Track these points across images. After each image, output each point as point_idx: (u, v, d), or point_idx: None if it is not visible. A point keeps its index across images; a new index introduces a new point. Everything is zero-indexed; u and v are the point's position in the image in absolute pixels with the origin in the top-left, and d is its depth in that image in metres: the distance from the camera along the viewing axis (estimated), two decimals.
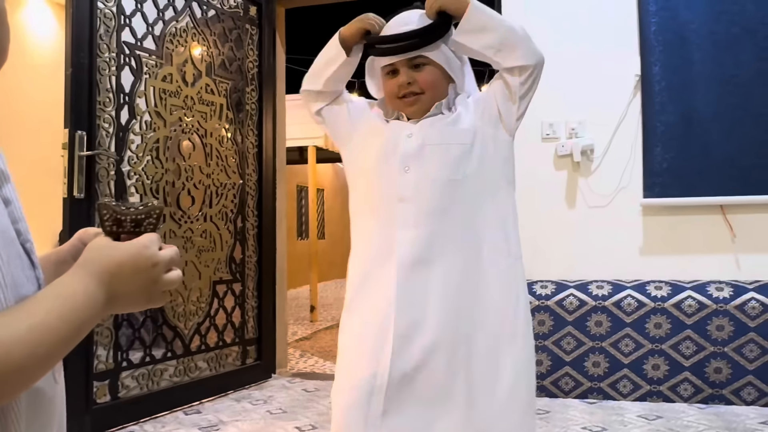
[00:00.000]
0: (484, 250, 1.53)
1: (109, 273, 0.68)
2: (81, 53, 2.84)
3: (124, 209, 0.72)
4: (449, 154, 1.51)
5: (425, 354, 1.47)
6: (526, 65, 1.51)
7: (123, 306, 0.71)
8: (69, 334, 0.62)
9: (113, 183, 2.99)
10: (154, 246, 0.71)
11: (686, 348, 3.27)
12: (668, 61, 3.42)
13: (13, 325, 0.57)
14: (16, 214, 0.69)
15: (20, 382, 0.59)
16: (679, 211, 3.44)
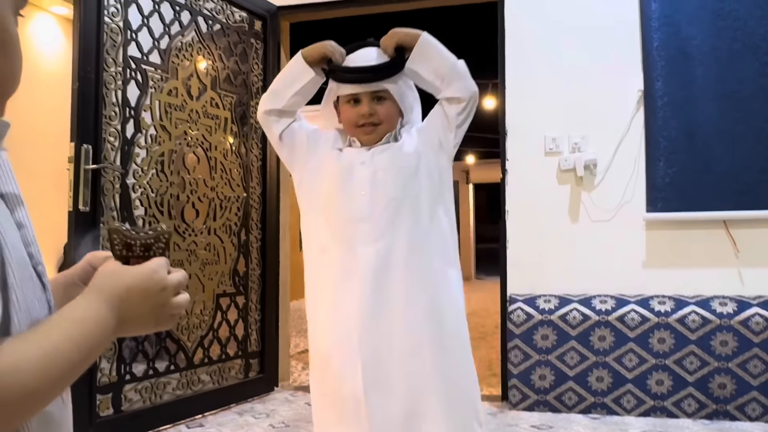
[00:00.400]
0: (436, 261, 1.74)
1: (119, 297, 0.69)
2: (88, 67, 2.87)
3: (133, 234, 0.74)
4: (399, 176, 1.73)
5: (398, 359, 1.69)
6: (463, 97, 1.72)
7: (132, 329, 0.73)
8: (81, 359, 0.64)
9: (118, 196, 3.00)
10: (162, 270, 0.73)
11: (690, 363, 3.26)
12: (671, 76, 3.44)
13: (27, 351, 0.58)
14: (29, 238, 0.70)
15: (33, 406, 0.60)
16: (682, 226, 3.45)
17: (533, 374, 3.46)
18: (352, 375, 1.69)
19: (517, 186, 3.67)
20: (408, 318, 1.69)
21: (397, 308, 1.69)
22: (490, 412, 3.48)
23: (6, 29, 0.66)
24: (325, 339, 1.76)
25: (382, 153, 1.76)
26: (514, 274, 3.63)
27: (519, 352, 3.48)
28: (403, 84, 1.79)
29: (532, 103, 3.67)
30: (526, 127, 3.66)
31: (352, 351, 1.69)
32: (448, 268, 1.76)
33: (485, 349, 5.90)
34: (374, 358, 1.68)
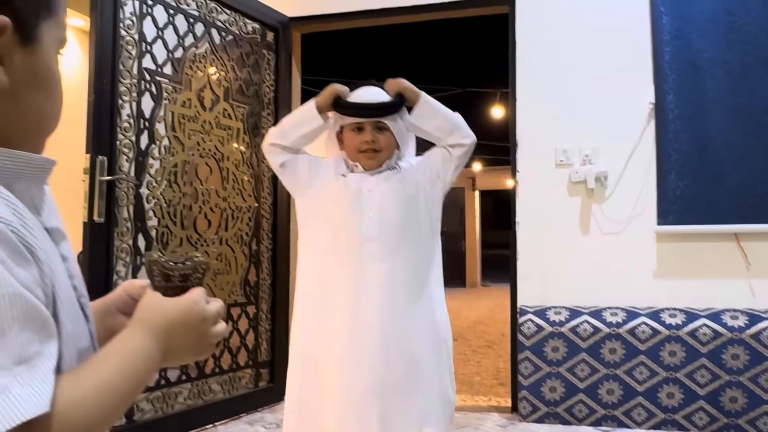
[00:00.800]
0: (432, 281, 1.99)
1: (163, 331, 0.71)
2: (104, 79, 2.89)
3: (172, 264, 0.76)
4: (402, 203, 1.96)
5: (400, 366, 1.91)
6: (464, 143, 1.99)
7: (175, 360, 0.75)
8: (131, 391, 0.66)
9: (132, 207, 3.02)
10: (202, 302, 0.75)
11: (701, 377, 3.26)
12: (682, 89, 3.45)
13: (83, 389, 0.61)
14: (72, 270, 0.72)
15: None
16: (693, 239, 3.45)
17: (543, 386, 3.46)
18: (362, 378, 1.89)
19: (527, 197, 3.68)
20: (413, 330, 1.93)
21: (403, 321, 1.92)
22: (500, 423, 3.49)
23: (53, 73, 0.69)
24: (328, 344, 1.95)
25: (386, 181, 1.98)
26: (525, 286, 3.64)
27: (529, 363, 3.48)
28: (401, 122, 2.03)
29: (542, 115, 3.68)
30: (536, 138, 3.67)
31: (364, 356, 1.90)
32: (439, 287, 2.02)
33: (492, 357, 5.91)
34: (385, 363, 1.89)
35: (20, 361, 0.54)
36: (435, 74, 8.67)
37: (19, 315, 0.55)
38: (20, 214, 0.61)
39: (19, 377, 0.54)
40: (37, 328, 0.57)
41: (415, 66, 8.33)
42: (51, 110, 0.69)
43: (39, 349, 0.57)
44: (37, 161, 0.66)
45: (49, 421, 0.55)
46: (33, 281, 0.59)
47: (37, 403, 0.54)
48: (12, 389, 0.53)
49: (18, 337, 0.55)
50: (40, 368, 0.56)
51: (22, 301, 0.56)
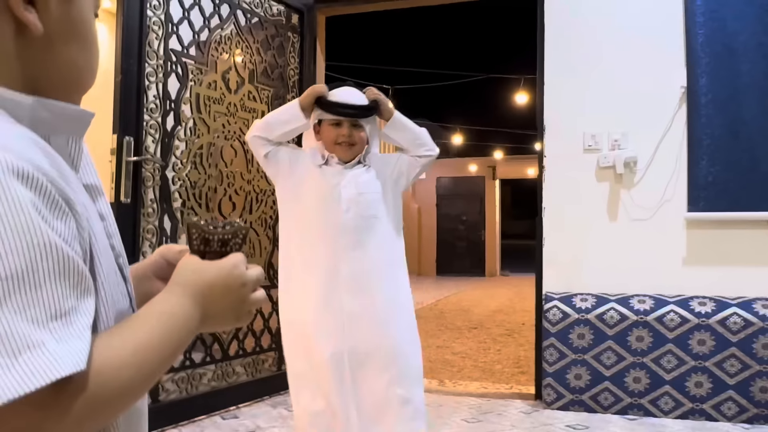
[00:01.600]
0: (396, 264, 2.29)
1: (202, 294, 0.69)
2: (130, 60, 2.89)
3: (212, 229, 0.74)
4: (372, 198, 2.23)
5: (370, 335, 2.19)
6: (430, 155, 2.32)
7: (214, 325, 0.72)
8: (169, 354, 0.64)
9: (158, 188, 3.03)
10: (242, 266, 0.72)
11: (731, 366, 3.20)
12: (715, 72, 3.37)
13: (120, 349, 0.58)
14: (110, 229, 0.70)
15: (125, 403, 0.60)
16: (725, 226, 3.38)
17: (569, 373, 3.42)
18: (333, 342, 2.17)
19: (554, 183, 3.62)
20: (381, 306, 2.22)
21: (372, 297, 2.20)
22: (524, 410, 3.46)
23: (89, 27, 0.68)
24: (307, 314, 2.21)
25: (359, 178, 2.23)
26: (550, 272, 3.59)
27: (554, 350, 3.44)
28: (372, 122, 2.32)
29: (571, 99, 3.62)
30: (564, 123, 3.61)
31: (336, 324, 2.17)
32: (403, 271, 2.32)
33: (512, 346, 5.87)
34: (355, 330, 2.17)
35: (56, 315, 0.52)
36: (458, 60, 8.60)
37: (54, 267, 0.53)
38: (58, 165, 0.59)
39: (55, 332, 0.52)
40: (73, 282, 0.55)
41: (438, 51, 8.24)
42: (87, 64, 0.68)
43: (75, 304, 0.54)
44: (75, 113, 0.65)
45: (84, 380, 0.54)
46: (70, 234, 0.57)
47: (74, 360, 0.52)
48: (47, 344, 0.51)
49: (53, 291, 0.53)
50: (76, 324, 0.54)
51: (59, 253, 0.54)
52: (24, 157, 0.54)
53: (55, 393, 0.51)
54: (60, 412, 0.52)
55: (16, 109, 0.60)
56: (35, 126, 0.60)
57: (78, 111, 0.65)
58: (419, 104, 16.48)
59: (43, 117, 0.61)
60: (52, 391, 0.50)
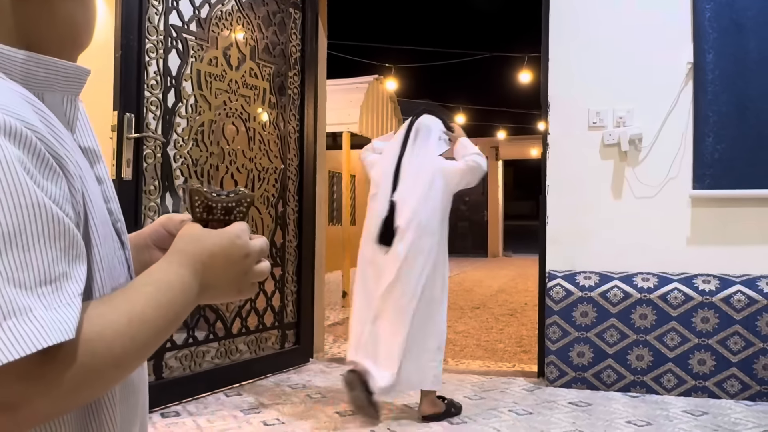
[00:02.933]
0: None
1: (202, 263, 0.65)
2: (130, 35, 2.86)
3: (215, 196, 0.70)
4: None
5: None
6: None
7: (214, 296, 0.69)
8: (166, 325, 0.60)
9: (159, 166, 3.01)
10: (245, 236, 0.69)
11: (734, 344, 3.19)
12: (723, 48, 3.32)
13: (113, 318, 0.55)
14: (108, 193, 0.67)
15: (119, 374, 0.58)
16: (730, 203, 3.36)
17: (571, 351, 3.42)
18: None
19: (558, 161, 3.60)
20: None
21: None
22: (527, 387, 3.47)
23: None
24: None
25: None
26: (554, 251, 3.58)
27: (557, 328, 3.44)
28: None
29: (576, 76, 3.58)
30: (569, 100, 3.58)
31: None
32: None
33: (515, 325, 5.88)
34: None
35: (45, 281, 0.50)
36: (461, 38, 8.51)
37: (44, 230, 0.50)
38: (50, 123, 0.56)
39: (43, 298, 0.49)
40: (64, 246, 0.52)
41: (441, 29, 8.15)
42: (84, 20, 0.65)
43: (66, 270, 0.51)
44: (71, 70, 0.62)
45: (73, 350, 0.50)
46: (61, 196, 0.54)
47: (62, 329, 0.49)
48: (35, 311, 0.48)
49: (43, 255, 0.50)
50: (66, 291, 0.51)
51: (49, 215, 0.51)
52: (11, 112, 0.52)
53: (41, 363, 0.48)
54: (47, 383, 0.49)
55: (7, 64, 0.57)
56: (27, 82, 0.58)
57: (73, 67, 0.63)
58: (421, 83, 16.35)
59: (36, 73, 0.59)
60: (39, 360, 0.48)
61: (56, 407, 0.52)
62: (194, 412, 2.99)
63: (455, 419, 2.94)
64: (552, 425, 2.86)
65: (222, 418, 2.93)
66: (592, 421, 2.92)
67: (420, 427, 2.84)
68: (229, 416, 2.95)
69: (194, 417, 2.93)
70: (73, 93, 0.64)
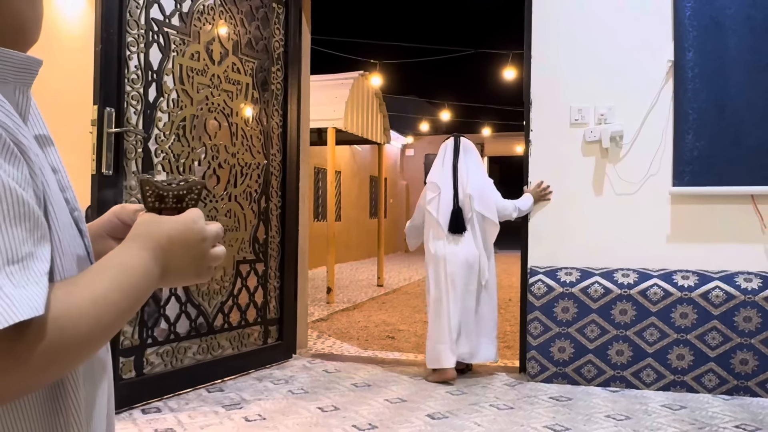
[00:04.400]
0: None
1: (161, 247, 0.67)
2: (110, 29, 2.83)
3: (166, 185, 0.71)
4: None
5: None
6: None
7: (174, 280, 0.71)
8: (128, 307, 0.62)
9: (140, 161, 2.99)
10: (201, 221, 0.71)
11: (712, 339, 3.24)
12: (703, 46, 3.35)
13: (78, 298, 0.56)
14: (64, 182, 0.68)
15: (84, 353, 0.59)
16: (709, 200, 3.39)
17: (552, 346, 3.45)
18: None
19: (540, 157, 3.62)
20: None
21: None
22: (508, 383, 3.49)
23: None
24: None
25: None
26: (536, 246, 3.60)
27: (538, 324, 3.47)
28: None
29: (558, 73, 3.60)
30: (551, 97, 3.60)
31: None
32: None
33: (499, 321, 5.91)
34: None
35: (12, 260, 0.51)
36: (447, 34, 8.52)
37: (9, 210, 0.51)
38: (8, 111, 0.57)
39: (12, 277, 0.50)
40: (29, 227, 0.53)
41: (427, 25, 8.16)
42: (33, 15, 0.66)
43: (32, 250, 0.53)
44: (22, 61, 0.62)
45: (42, 327, 0.51)
46: (23, 179, 0.55)
47: (31, 305, 0.50)
48: (4, 288, 0.49)
49: (9, 235, 0.51)
50: (33, 269, 0.52)
51: (13, 196, 0.52)
52: None
53: (11, 339, 0.49)
54: (15, 359, 0.50)
55: None
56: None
57: (25, 58, 0.63)
58: (407, 80, 16.34)
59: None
60: (9, 336, 0.49)
61: (25, 384, 0.53)
62: (175, 408, 2.98)
63: (436, 414, 2.95)
64: (532, 419, 2.88)
65: (203, 414, 2.92)
66: (572, 415, 2.95)
67: (401, 422, 2.85)
68: (211, 412, 2.94)
69: (175, 413, 2.92)
70: (26, 84, 0.64)
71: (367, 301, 7.28)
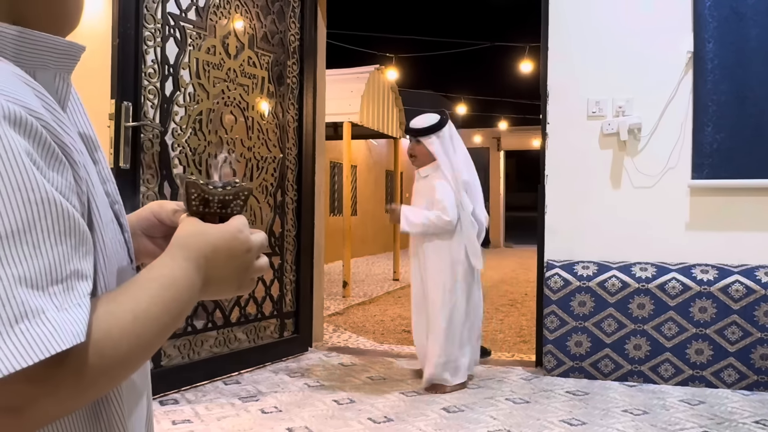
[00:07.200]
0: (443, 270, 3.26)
1: (205, 258, 0.64)
2: (127, 24, 2.85)
3: (212, 189, 0.68)
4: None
5: None
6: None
7: (215, 292, 0.67)
8: (170, 322, 0.59)
9: (157, 155, 3.01)
10: (246, 230, 0.67)
11: (732, 333, 3.20)
12: (723, 37, 3.30)
13: (120, 315, 0.54)
14: (104, 174, 0.66)
15: (124, 373, 0.57)
16: (729, 193, 3.35)
17: (569, 340, 3.43)
18: None
19: (557, 150, 3.59)
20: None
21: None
22: (525, 377, 3.48)
23: None
24: None
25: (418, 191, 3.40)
26: (552, 240, 3.58)
27: (555, 318, 3.45)
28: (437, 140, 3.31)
29: (575, 65, 3.56)
30: (568, 90, 3.57)
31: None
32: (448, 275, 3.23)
33: (515, 315, 5.89)
34: None
35: (56, 280, 0.48)
36: (463, 28, 8.49)
37: (54, 226, 0.49)
38: (53, 108, 0.55)
39: (55, 298, 0.47)
40: (74, 242, 0.50)
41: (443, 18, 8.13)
42: (75, 2, 0.64)
43: (77, 267, 0.50)
44: (64, 46, 0.60)
45: (83, 352, 0.49)
46: (67, 187, 0.52)
47: (74, 331, 0.47)
48: (47, 312, 0.46)
49: (54, 252, 0.48)
50: (77, 290, 0.49)
51: (59, 210, 0.49)
52: (15, 98, 0.50)
53: (51, 366, 0.47)
54: (55, 386, 0.48)
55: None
56: (19, 60, 0.56)
57: (67, 44, 0.61)
58: (423, 73, 16.31)
59: (29, 50, 0.57)
60: (49, 364, 0.46)
61: (62, 408, 0.51)
62: (192, 400, 3.00)
63: (452, 407, 2.95)
64: (549, 414, 2.87)
65: (220, 406, 2.94)
66: (588, 410, 2.93)
67: (416, 415, 2.85)
68: (228, 404, 2.96)
69: (192, 405, 2.94)
70: (66, 70, 0.62)
71: (382, 295, 7.29)
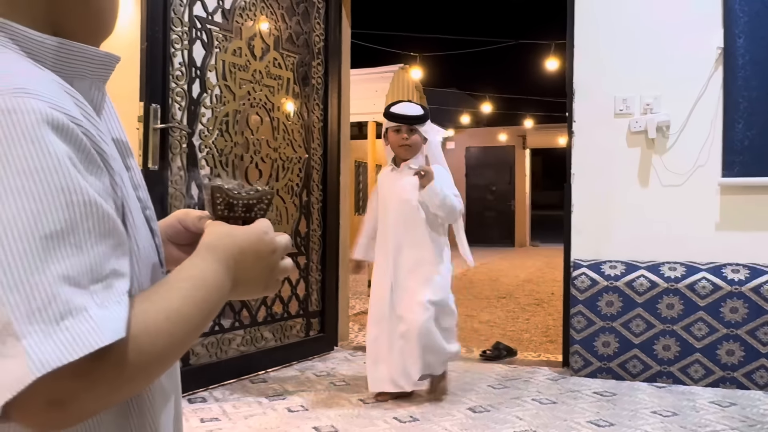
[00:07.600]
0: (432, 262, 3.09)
1: (234, 259, 0.66)
2: (155, 27, 2.89)
3: (236, 193, 0.71)
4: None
5: None
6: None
7: (243, 292, 0.69)
8: (201, 322, 0.61)
9: (185, 156, 3.05)
10: (271, 232, 0.70)
11: (764, 334, 3.14)
12: (754, 32, 3.24)
13: (154, 314, 0.56)
14: (136, 180, 0.68)
15: (160, 370, 0.59)
16: (760, 191, 3.28)
17: (596, 341, 3.39)
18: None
19: (583, 149, 3.55)
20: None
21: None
22: (551, 377, 3.45)
23: None
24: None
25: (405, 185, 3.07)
26: (579, 240, 3.55)
27: (582, 318, 3.42)
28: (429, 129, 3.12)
29: (602, 62, 3.53)
30: (595, 87, 3.53)
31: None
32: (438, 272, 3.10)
33: (541, 315, 5.85)
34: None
35: (97, 278, 0.50)
36: (488, 25, 8.44)
37: (95, 227, 0.51)
38: (91, 116, 0.57)
39: (96, 296, 0.50)
40: (113, 243, 0.53)
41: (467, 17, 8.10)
42: (111, 7, 0.67)
43: (115, 267, 0.53)
44: (100, 56, 0.62)
45: (123, 348, 0.51)
46: (105, 191, 0.55)
47: (115, 327, 0.50)
48: (90, 310, 0.49)
49: (94, 252, 0.51)
50: (116, 288, 0.52)
51: (99, 212, 0.52)
52: (57, 105, 0.52)
53: (93, 361, 0.49)
54: (96, 380, 0.50)
55: (39, 51, 0.57)
56: (58, 69, 0.58)
57: (104, 54, 0.63)
58: (447, 72, 16.26)
59: (68, 60, 0.59)
60: (91, 359, 0.48)
61: (101, 403, 0.53)
62: (220, 398, 3.04)
63: (478, 407, 2.94)
64: (576, 414, 2.85)
65: (247, 404, 2.97)
66: (616, 411, 2.90)
67: (442, 414, 2.85)
68: (255, 402, 2.99)
69: (220, 403, 2.98)
70: (102, 80, 0.64)
71: None
